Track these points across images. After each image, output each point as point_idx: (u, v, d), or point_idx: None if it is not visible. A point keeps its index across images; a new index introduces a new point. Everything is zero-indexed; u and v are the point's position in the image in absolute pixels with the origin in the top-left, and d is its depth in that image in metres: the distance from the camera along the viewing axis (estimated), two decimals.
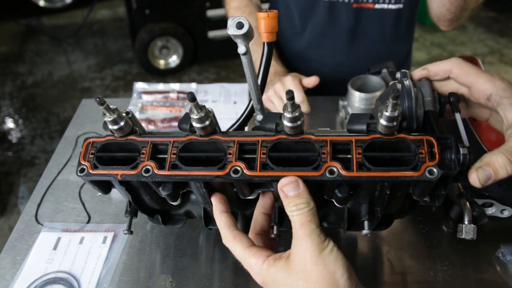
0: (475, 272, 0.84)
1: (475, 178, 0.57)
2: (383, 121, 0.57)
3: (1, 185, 2.79)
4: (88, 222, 0.97)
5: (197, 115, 0.60)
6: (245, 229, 0.74)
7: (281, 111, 0.59)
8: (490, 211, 0.84)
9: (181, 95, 1.39)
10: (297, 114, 0.58)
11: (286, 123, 0.59)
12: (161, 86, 1.44)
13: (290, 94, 0.54)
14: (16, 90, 3.75)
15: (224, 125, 0.73)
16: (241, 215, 0.79)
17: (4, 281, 0.85)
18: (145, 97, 1.38)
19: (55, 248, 0.91)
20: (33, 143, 3.17)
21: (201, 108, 0.60)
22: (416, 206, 0.72)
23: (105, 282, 0.84)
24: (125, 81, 3.86)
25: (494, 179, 0.57)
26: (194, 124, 0.61)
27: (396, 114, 0.55)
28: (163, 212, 0.80)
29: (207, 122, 0.61)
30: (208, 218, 0.78)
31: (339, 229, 0.91)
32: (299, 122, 0.59)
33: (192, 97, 0.55)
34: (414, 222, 0.94)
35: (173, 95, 1.38)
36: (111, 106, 0.61)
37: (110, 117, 0.62)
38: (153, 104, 1.36)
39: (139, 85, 1.43)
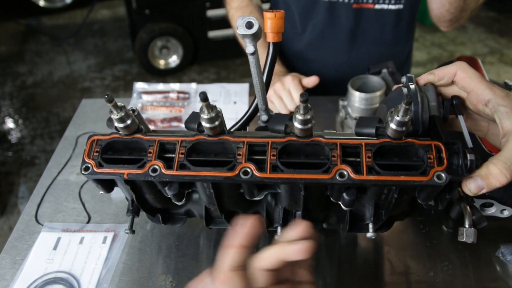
0: (475, 272, 0.84)
1: (466, 188, 0.59)
2: (393, 125, 0.57)
3: (1, 185, 2.79)
4: (88, 222, 0.97)
5: (207, 115, 0.59)
6: None
7: (281, 111, 0.59)
8: (490, 211, 0.84)
9: (181, 95, 1.39)
10: (309, 116, 0.57)
11: (297, 125, 0.59)
12: (161, 86, 1.43)
13: (304, 97, 0.53)
14: (16, 90, 3.75)
15: None
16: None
17: (4, 281, 0.85)
18: (145, 97, 1.38)
19: (55, 248, 0.91)
20: (33, 143, 3.17)
21: (212, 108, 0.59)
22: (417, 209, 0.72)
23: (105, 282, 0.84)
24: (125, 81, 3.86)
25: (487, 189, 0.57)
26: (204, 124, 0.61)
27: (407, 119, 0.56)
28: (164, 211, 0.80)
29: (217, 122, 0.60)
30: (210, 218, 0.78)
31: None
32: (310, 125, 0.59)
33: (204, 97, 0.55)
34: (414, 222, 0.94)
35: (173, 95, 1.39)
36: (118, 104, 0.61)
37: (117, 115, 0.61)
38: (153, 104, 1.36)
39: (139, 85, 1.43)
